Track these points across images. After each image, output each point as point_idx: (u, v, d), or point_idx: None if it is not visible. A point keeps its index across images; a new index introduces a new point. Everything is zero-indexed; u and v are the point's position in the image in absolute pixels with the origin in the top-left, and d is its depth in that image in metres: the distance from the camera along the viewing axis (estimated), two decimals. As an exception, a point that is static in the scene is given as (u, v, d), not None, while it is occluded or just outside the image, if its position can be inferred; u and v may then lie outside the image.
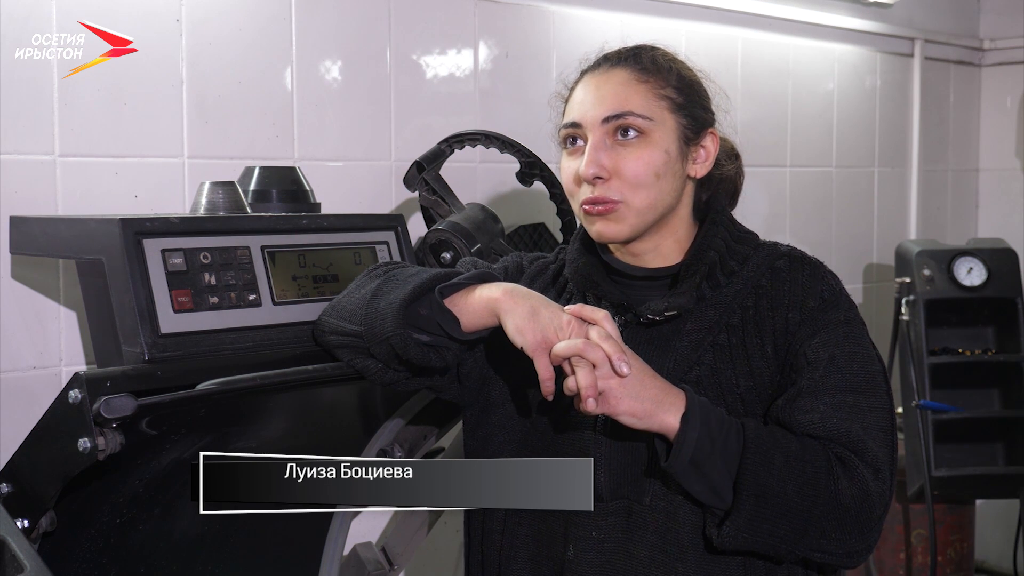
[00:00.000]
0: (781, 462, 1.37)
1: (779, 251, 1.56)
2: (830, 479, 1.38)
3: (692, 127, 1.54)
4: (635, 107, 1.50)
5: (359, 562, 2.08)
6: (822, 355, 1.46)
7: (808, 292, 1.50)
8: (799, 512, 1.37)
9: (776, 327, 1.49)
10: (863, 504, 1.39)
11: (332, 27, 2.30)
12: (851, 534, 1.40)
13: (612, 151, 1.50)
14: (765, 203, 3.33)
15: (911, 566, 3.29)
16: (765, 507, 1.37)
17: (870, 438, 1.43)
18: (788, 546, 1.39)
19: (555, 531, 1.52)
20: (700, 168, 1.56)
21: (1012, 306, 3.24)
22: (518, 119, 2.54)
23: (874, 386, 1.47)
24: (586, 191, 1.51)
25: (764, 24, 3.24)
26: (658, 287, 1.56)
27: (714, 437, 1.37)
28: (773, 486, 1.37)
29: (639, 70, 1.53)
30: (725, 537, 1.39)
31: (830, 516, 1.38)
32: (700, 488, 1.39)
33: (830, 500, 1.38)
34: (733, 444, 1.38)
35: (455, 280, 1.47)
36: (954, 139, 4.01)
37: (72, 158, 1.95)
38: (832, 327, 1.48)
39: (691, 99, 1.55)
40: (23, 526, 1.46)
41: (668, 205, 1.53)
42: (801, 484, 1.37)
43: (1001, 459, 3.24)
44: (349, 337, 1.53)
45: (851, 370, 1.46)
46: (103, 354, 1.61)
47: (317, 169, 2.23)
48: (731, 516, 1.38)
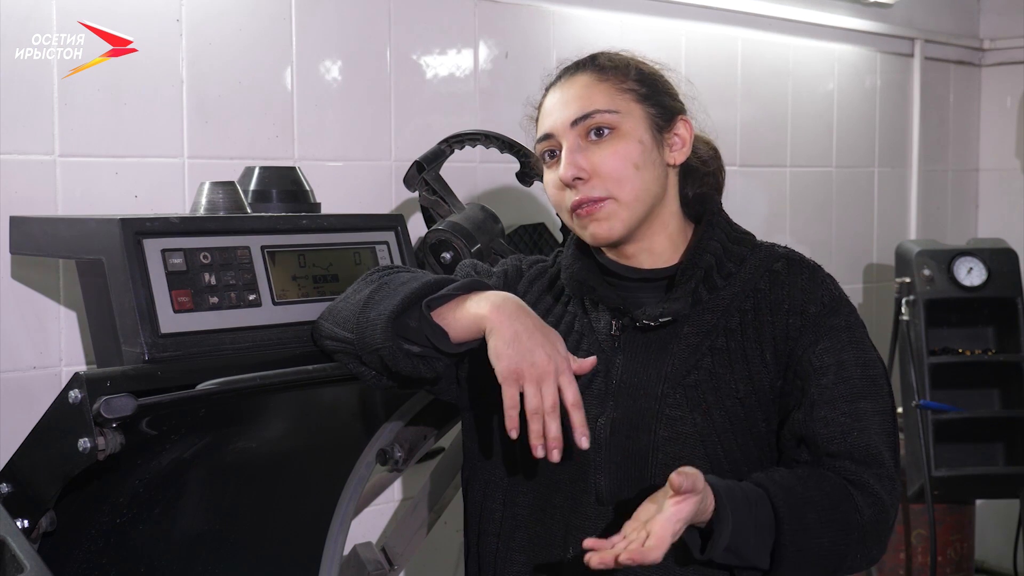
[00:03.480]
0: (813, 519, 1.40)
1: (776, 253, 1.56)
2: (856, 513, 1.42)
3: (661, 115, 1.55)
4: (599, 104, 1.52)
5: (359, 562, 2.08)
6: (828, 361, 1.48)
7: (809, 297, 1.51)
8: (835, 554, 1.42)
9: (776, 333, 1.49)
10: (880, 517, 1.44)
11: (332, 27, 2.30)
12: (873, 546, 1.45)
13: (587, 151, 1.51)
14: (765, 203, 3.33)
15: (911, 566, 3.29)
16: (803, 564, 1.41)
17: (885, 447, 1.46)
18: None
19: (554, 534, 1.52)
20: (679, 155, 1.57)
21: (1012, 306, 3.24)
22: (518, 119, 2.54)
23: (878, 389, 1.49)
24: (571, 196, 1.52)
25: (764, 24, 3.23)
26: (654, 288, 1.56)
27: (743, 520, 1.36)
28: (811, 545, 1.40)
29: (597, 71, 1.55)
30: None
31: (859, 547, 1.43)
32: (737, 562, 1.40)
33: (859, 537, 1.43)
34: (764, 521, 1.39)
35: (442, 292, 1.46)
36: (954, 139, 4.01)
37: (72, 158, 1.95)
38: (835, 332, 1.49)
39: (654, 89, 1.56)
40: (23, 526, 1.45)
41: (655, 195, 1.53)
42: (835, 532, 1.41)
43: (1001, 459, 3.24)
44: (342, 343, 1.53)
45: (859, 375, 1.48)
46: (103, 354, 1.61)
47: (317, 169, 2.22)
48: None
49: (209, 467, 1.74)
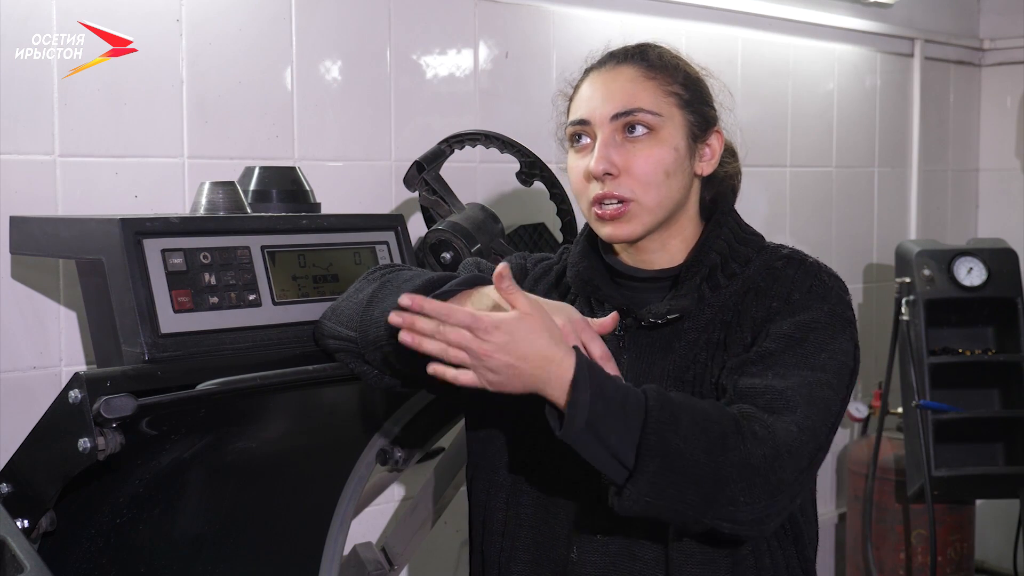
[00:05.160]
0: (687, 421, 1.30)
1: (780, 253, 1.55)
2: (739, 438, 1.31)
3: (699, 124, 1.54)
4: (644, 103, 1.50)
5: (359, 562, 2.08)
6: (788, 331, 1.42)
7: (795, 285, 1.48)
8: (706, 475, 1.29)
9: (756, 316, 1.47)
10: (773, 463, 1.32)
11: (332, 27, 2.30)
12: (759, 497, 1.31)
13: (622, 148, 1.49)
14: (765, 203, 3.33)
15: (911, 566, 3.29)
16: (670, 469, 1.28)
17: (806, 403, 1.36)
18: (695, 513, 1.30)
19: (558, 533, 1.52)
20: (707, 166, 1.56)
21: (1012, 306, 3.24)
22: (518, 119, 2.55)
23: (835, 373, 1.42)
24: (595, 188, 1.50)
25: (764, 24, 3.24)
26: (660, 288, 1.56)
27: (609, 398, 1.28)
28: (679, 446, 1.28)
29: (646, 67, 1.53)
30: (626, 500, 1.29)
31: (739, 479, 1.30)
32: (599, 454, 1.30)
33: (738, 461, 1.30)
34: (633, 406, 1.29)
35: (445, 288, 1.45)
36: (954, 139, 4.01)
37: (72, 158, 1.95)
38: (809, 312, 1.44)
39: (697, 96, 1.55)
40: (23, 526, 1.45)
41: (677, 203, 1.53)
42: (708, 444, 1.29)
43: (1001, 459, 3.24)
44: (345, 342, 1.53)
45: (815, 354, 1.41)
46: (103, 354, 1.61)
47: (317, 169, 2.23)
48: (633, 478, 1.28)
49: (209, 467, 1.73)
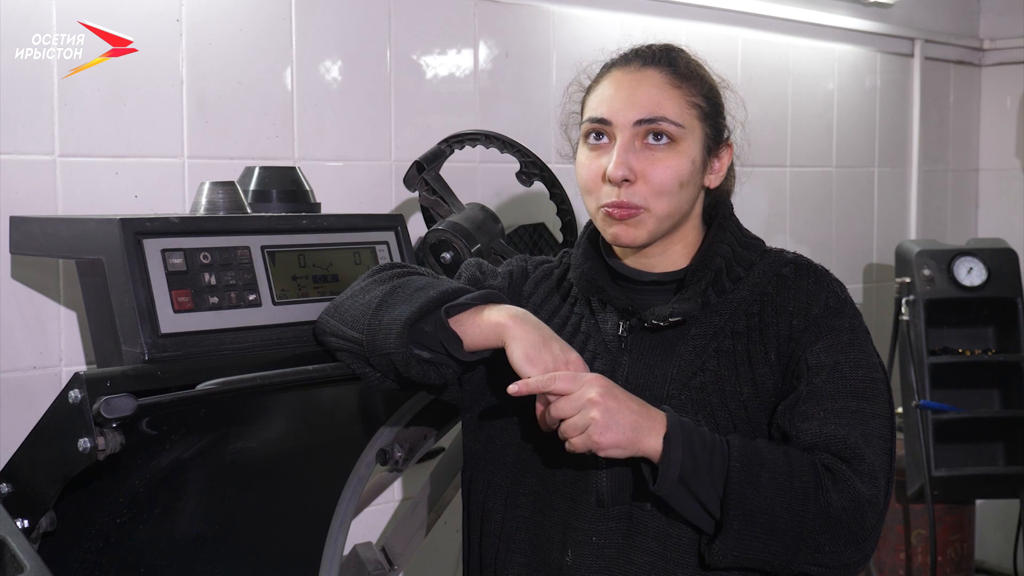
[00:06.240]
0: (767, 479, 1.37)
1: (785, 258, 1.55)
2: (819, 492, 1.37)
3: (714, 137, 1.54)
4: (669, 113, 1.49)
5: (359, 562, 2.08)
6: (824, 361, 1.46)
7: (812, 299, 1.50)
8: (789, 529, 1.36)
9: (780, 334, 1.49)
10: (855, 514, 1.38)
11: (332, 27, 2.30)
12: (845, 545, 1.38)
13: (641, 154, 1.48)
14: (765, 203, 3.33)
15: (911, 566, 3.29)
16: (753, 525, 1.36)
17: (868, 445, 1.42)
18: (782, 561, 1.39)
19: (553, 536, 1.52)
20: (715, 179, 1.57)
21: (1012, 306, 3.24)
22: (518, 119, 2.55)
23: (876, 392, 1.47)
24: (609, 193, 1.49)
25: (764, 24, 3.23)
26: (663, 292, 1.56)
27: (697, 455, 1.36)
28: (760, 504, 1.36)
29: (673, 73, 1.51)
30: (715, 555, 1.39)
31: (822, 530, 1.37)
32: (690, 508, 1.39)
33: (820, 514, 1.37)
34: (719, 461, 1.37)
35: (461, 300, 1.46)
36: (954, 139, 4.01)
37: (72, 158, 1.95)
38: (836, 333, 1.48)
39: (716, 109, 1.55)
40: (23, 526, 1.45)
41: (685, 213, 1.53)
42: (789, 500, 1.36)
43: (1001, 459, 3.23)
44: (349, 343, 1.52)
45: (855, 376, 1.46)
46: (103, 354, 1.61)
47: (317, 169, 2.23)
48: (720, 535, 1.38)
49: (209, 467, 1.73)
